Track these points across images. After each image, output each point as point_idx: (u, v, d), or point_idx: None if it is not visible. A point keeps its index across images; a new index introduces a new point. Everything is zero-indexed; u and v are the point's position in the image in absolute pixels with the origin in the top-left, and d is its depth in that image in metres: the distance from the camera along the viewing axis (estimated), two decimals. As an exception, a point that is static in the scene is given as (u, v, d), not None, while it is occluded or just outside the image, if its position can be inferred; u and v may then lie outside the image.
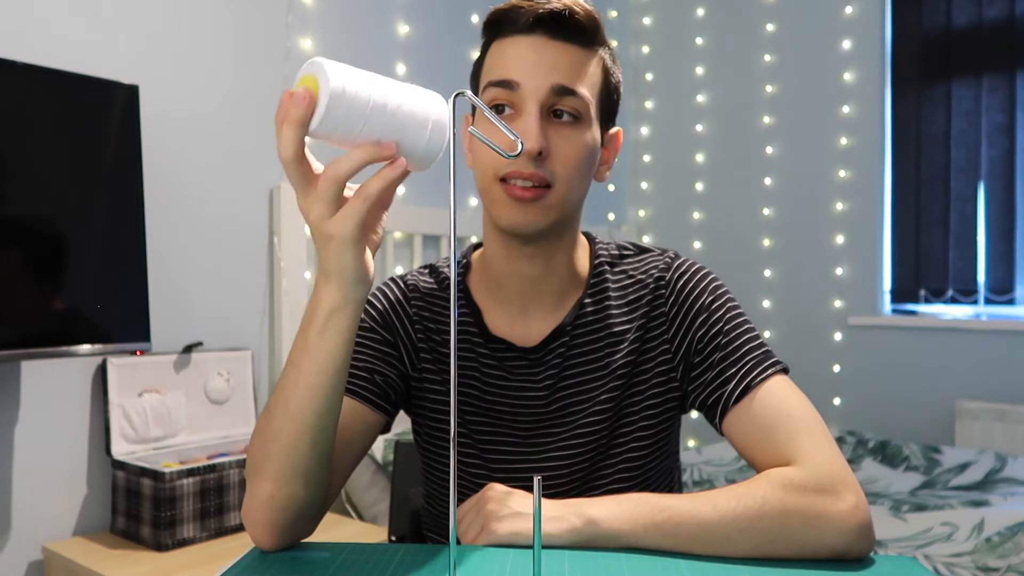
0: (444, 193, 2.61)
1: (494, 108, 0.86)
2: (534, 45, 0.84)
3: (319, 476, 0.77)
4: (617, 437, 0.92)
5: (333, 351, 0.72)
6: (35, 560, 1.70)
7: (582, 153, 0.86)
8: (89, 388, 1.78)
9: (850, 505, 0.76)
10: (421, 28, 2.58)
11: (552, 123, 0.85)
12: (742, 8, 3.22)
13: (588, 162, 0.88)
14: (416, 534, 1.28)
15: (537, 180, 0.83)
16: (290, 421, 0.73)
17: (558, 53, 0.85)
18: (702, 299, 0.92)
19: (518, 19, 0.85)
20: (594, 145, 0.88)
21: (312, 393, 0.72)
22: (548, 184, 0.84)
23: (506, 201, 0.85)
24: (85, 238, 1.60)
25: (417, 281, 0.99)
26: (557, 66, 0.84)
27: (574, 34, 0.85)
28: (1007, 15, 2.68)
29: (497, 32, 0.88)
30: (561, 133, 0.85)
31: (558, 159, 0.84)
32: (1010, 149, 2.66)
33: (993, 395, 2.63)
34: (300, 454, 0.74)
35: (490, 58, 0.88)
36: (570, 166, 0.85)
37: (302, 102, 0.63)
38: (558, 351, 0.92)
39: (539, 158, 0.83)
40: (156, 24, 1.90)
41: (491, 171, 0.85)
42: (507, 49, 0.86)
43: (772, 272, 3.14)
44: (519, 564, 0.70)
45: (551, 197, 0.85)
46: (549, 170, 0.84)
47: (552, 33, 0.84)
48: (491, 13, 0.88)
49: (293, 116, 0.63)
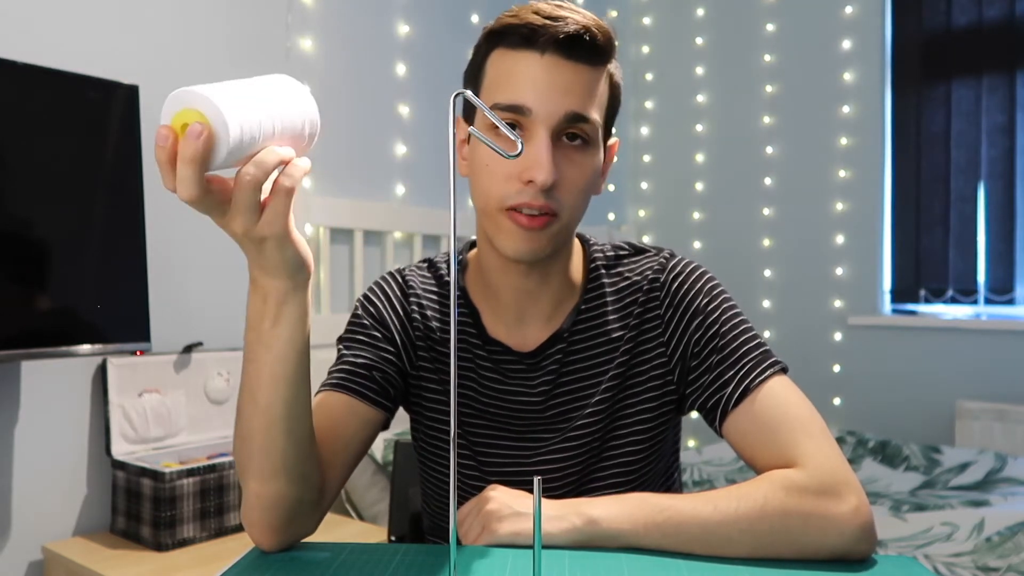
0: (444, 193, 2.61)
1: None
2: (547, 66, 0.81)
3: (302, 470, 0.76)
4: (611, 440, 0.91)
5: (291, 338, 0.72)
6: (35, 560, 1.70)
7: (588, 178, 0.85)
8: (89, 388, 1.78)
9: (852, 506, 0.76)
10: (421, 28, 2.58)
11: (561, 147, 0.83)
12: (742, 8, 3.22)
13: (593, 184, 0.87)
14: (416, 534, 1.28)
15: (546, 211, 0.82)
16: (260, 415, 0.73)
17: (571, 76, 0.81)
18: (697, 300, 0.91)
19: (533, 36, 0.81)
20: (599, 166, 0.88)
21: (276, 384, 0.72)
22: (555, 213, 0.83)
23: (513, 231, 0.83)
24: (85, 238, 1.60)
25: (415, 277, 0.98)
26: (570, 91, 0.81)
27: (589, 55, 0.82)
28: (1007, 15, 2.68)
29: (502, 42, 0.84)
30: (570, 159, 0.83)
31: (565, 187, 0.83)
32: (1010, 149, 2.66)
33: (993, 395, 2.63)
34: (277, 447, 0.74)
35: (494, 71, 0.85)
36: (576, 192, 0.84)
37: (198, 138, 0.58)
38: (555, 357, 0.92)
39: (548, 188, 0.81)
40: (156, 24, 1.90)
41: (496, 200, 0.83)
42: (517, 67, 0.82)
43: (772, 272, 3.14)
44: (519, 564, 0.70)
45: (556, 224, 0.84)
46: (557, 199, 0.82)
47: (566, 54, 0.81)
48: (501, 23, 0.84)
49: (190, 155, 0.59)
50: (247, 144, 0.62)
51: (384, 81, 2.48)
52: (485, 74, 0.86)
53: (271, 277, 0.70)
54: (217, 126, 0.60)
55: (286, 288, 0.71)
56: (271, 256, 0.68)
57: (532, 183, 0.80)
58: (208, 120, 0.59)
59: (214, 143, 0.60)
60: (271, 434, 0.73)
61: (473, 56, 0.90)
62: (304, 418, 0.75)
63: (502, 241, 0.84)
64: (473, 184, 0.87)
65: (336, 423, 0.86)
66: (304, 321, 0.73)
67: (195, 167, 0.60)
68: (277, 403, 0.73)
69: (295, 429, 0.74)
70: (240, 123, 0.60)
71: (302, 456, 0.76)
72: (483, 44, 0.87)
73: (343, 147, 2.35)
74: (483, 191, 0.85)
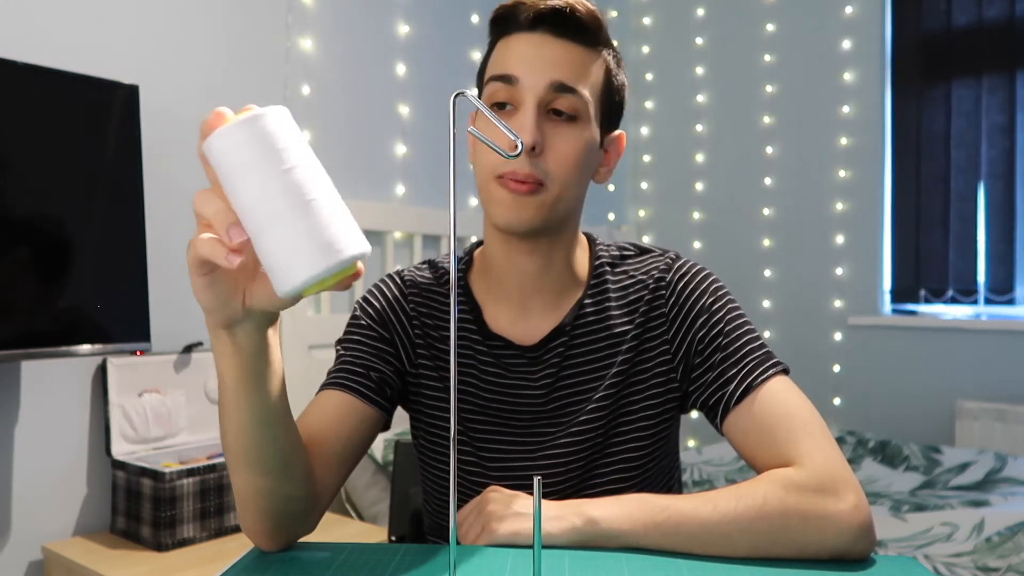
0: (444, 193, 2.61)
1: (497, 106, 0.86)
2: (535, 42, 0.85)
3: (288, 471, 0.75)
4: (614, 436, 0.92)
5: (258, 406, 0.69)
6: (35, 560, 1.70)
7: (578, 151, 0.86)
8: (89, 388, 1.78)
9: (851, 505, 0.76)
10: (421, 28, 2.58)
11: (549, 120, 0.85)
12: (742, 8, 3.22)
13: (584, 161, 0.88)
14: (416, 534, 1.28)
15: (531, 179, 0.84)
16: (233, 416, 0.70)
17: (559, 51, 0.85)
18: (702, 300, 0.92)
19: (520, 16, 0.86)
20: (591, 144, 0.88)
21: (251, 440, 0.71)
22: (541, 183, 0.85)
23: (503, 198, 0.85)
24: (85, 238, 1.60)
25: (415, 277, 0.99)
26: (557, 63, 0.85)
27: (576, 32, 0.86)
28: (1007, 15, 2.68)
29: (503, 30, 0.89)
30: (557, 130, 0.85)
31: (552, 157, 0.85)
32: (1010, 149, 2.66)
33: (993, 395, 2.63)
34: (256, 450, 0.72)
35: (494, 55, 0.90)
36: (565, 164, 0.85)
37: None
38: (557, 350, 0.92)
39: (533, 154, 0.83)
40: (156, 24, 1.90)
41: (488, 170, 0.86)
42: (510, 46, 0.87)
43: (772, 272, 3.14)
44: (519, 564, 0.70)
45: (545, 194, 0.85)
46: (543, 168, 0.84)
47: (554, 31, 0.85)
48: (496, 10, 0.90)
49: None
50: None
51: (384, 81, 2.48)
52: (489, 61, 0.91)
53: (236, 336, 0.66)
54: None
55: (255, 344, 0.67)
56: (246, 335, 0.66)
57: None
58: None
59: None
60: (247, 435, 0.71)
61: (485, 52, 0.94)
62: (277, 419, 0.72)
63: (493, 210, 0.87)
64: (475, 166, 0.90)
65: (334, 423, 0.86)
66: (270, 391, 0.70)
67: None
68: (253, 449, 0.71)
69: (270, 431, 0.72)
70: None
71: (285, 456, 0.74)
72: (490, 36, 0.92)
73: (343, 147, 2.35)
74: (480, 165, 0.88)
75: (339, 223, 0.56)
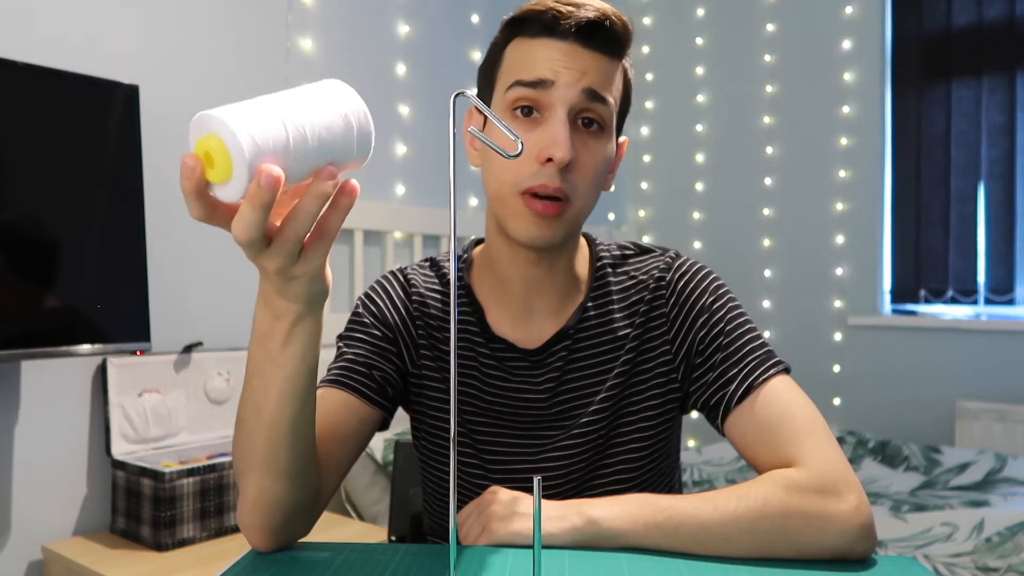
0: (444, 193, 2.61)
1: (520, 109, 0.84)
2: (567, 51, 0.83)
3: (304, 478, 0.76)
4: (615, 437, 0.91)
5: (303, 358, 0.69)
6: (35, 560, 1.70)
7: (601, 166, 0.86)
8: (89, 388, 1.78)
9: (852, 506, 0.76)
10: (421, 28, 2.58)
11: (578, 131, 0.84)
12: (742, 8, 3.22)
13: (604, 174, 0.88)
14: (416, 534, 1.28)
15: (561, 195, 0.82)
16: (265, 429, 0.71)
17: (590, 60, 0.83)
18: (703, 299, 0.91)
19: (553, 23, 0.82)
20: (610, 155, 0.88)
21: (284, 401, 0.70)
22: (568, 198, 0.83)
23: (527, 216, 0.83)
24: (85, 238, 1.60)
25: (417, 276, 0.98)
26: (588, 72, 0.83)
27: (605, 43, 0.84)
28: (1007, 15, 2.69)
29: (522, 31, 0.85)
30: (585, 143, 0.84)
31: (580, 171, 0.83)
32: (1010, 149, 2.66)
33: (993, 395, 2.63)
34: (280, 458, 0.72)
35: (512, 56, 0.86)
36: (589, 179, 0.85)
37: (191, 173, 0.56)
38: (560, 354, 0.92)
39: (563, 170, 0.82)
40: (156, 24, 1.90)
41: (510, 184, 0.83)
42: (536, 50, 0.83)
43: (772, 272, 3.14)
44: (519, 564, 0.70)
45: (570, 211, 0.84)
46: (572, 183, 0.83)
47: (586, 41, 0.83)
48: (521, 11, 0.85)
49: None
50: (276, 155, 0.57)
51: (384, 81, 2.48)
52: (503, 62, 0.87)
53: (288, 301, 0.65)
54: (231, 145, 0.56)
55: (301, 312, 0.66)
56: (296, 289, 0.64)
57: (550, 162, 0.81)
58: (223, 141, 0.56)
59: (230, 164, 0.56)
60: (274, 447, 0.72)
61: (490, 49, 0.90)
62: (308, 431, 0.74)
63: (515, 226, 0.84)
64: (486, 171, 0.88)
65: (333, 420, 0.85)
66: (317, 341, 0.70)
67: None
68: (283, 420, 0.71)
69: (299, 443, 0.73)
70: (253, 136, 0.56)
71: (305, 464, 0.75)
72: (502, 34, 0.89)
73: (343, 147, 2.35)
74: (496, 176, 0.85)
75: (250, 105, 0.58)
